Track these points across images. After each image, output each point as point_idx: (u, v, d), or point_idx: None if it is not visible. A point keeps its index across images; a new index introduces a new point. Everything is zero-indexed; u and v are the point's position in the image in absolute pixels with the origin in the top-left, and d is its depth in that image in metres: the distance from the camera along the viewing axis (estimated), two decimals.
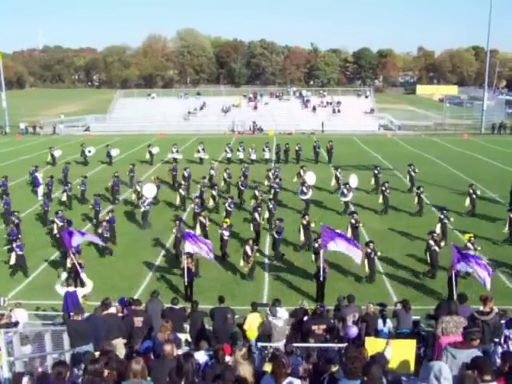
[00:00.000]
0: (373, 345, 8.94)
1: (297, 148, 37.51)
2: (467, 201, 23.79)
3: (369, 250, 16.64)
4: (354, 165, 34.18)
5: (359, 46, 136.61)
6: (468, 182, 29.62)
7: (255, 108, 63.52)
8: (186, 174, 28.27)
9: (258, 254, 19.05)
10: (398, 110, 72.77)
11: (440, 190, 28.68)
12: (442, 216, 20.10)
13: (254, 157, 36.92)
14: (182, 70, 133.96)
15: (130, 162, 31.41)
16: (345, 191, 24.10)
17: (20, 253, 17.86)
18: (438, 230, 18.96)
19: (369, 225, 21.79)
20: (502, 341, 8.60)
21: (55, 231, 20.22)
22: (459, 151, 43.24)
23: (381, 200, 24.48)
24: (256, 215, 20.48)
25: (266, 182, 27.82)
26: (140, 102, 67.29)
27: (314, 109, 62.22)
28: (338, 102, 63.14)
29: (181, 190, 25.39)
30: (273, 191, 26.01)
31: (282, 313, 11.93)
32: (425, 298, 15.71)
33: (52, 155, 36.89)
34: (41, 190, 27.79)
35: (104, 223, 20.15)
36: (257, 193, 24.27)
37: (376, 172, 28.34)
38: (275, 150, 38.58)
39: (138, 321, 10.78)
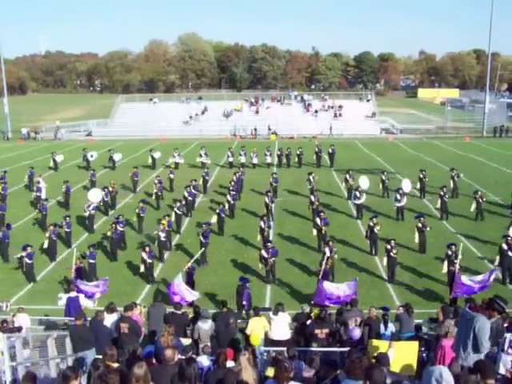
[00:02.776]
0: (376, 346, 8.96)
1: (298, 152, 37.52)
2: None
3: (450, 253, 16.20)
4: (356, 169, 34.14)
5: (360, 50, 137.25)
6: (470, 185, 29.65)
7: (257, 112, 63.57)
8: (234, 179, 28.11)
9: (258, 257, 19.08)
10: (400, 114, 72.78)
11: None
12: None
13: (255, 161, 36.97)
14: (184, 75, 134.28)
15: (132, 166, 31.47)
16: (398, 196, 23.74)
17: None
18: (510, 232, 18.52)
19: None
20: (506, 346, 8.52)
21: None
22: (461, 154, 43.19)
23: (438, 205, 24.16)
24: (317, 220, 20.45)
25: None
26: (142, 106, 67.36)
27: (316, 113, 62.27)
28: (340, 106, 63.12)
29: (228, 196, 25.17)
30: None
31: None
32: (427, 301, 15.68)
33: (54, 160, 37.02)
34: (43, 195, 27.79)
35: (51, 227, 20.01)
36: (313, 198, 24.14)
37: (421, 176, 27.88)
38: (277, 154, 38.63)
39: (124, 327, 10.75)
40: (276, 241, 21.51)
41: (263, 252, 17.40)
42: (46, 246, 19.70)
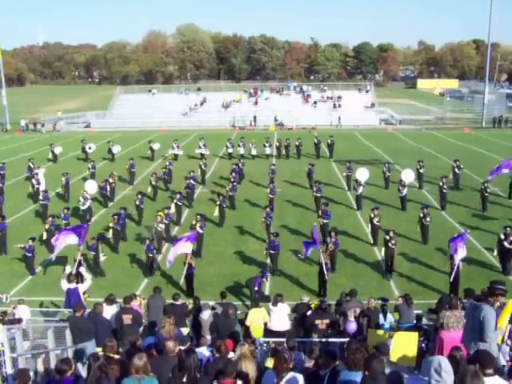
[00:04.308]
0: (375, 336, 8.97)
1: (297, 143, 37.44)
2: None
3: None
4: (355, 159, 34.08)
5: (359, 41, 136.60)
6: (469, 175, 29.59)
7: (256, 103, 63.41)
8: (232, 169, 28.06)
9: (261, 248, 19.10)
10: (399, 105, 72.58)
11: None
12: None
13: (254, 152, 36.93)
14: (182, 66, 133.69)
15: (129, 157, 31.43)
16: (399, 187, 24.38)
17: None
18: None
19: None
20: (506, 336, 8.54)
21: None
22: (460, 145, 43.12)
23: (436, 195, 24.75)
24: (320, 211, 21.17)
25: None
26: (140, 98, 67.20)
27: (315, 103, 62.10)
28: (339, 97, 62.97)
29: (227, 188, 25.18)
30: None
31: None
32: (427, 292, 15.70)
33: (53, 152, 36.94)
34: (43, 187, 27.76)
35: (50, 218, 20.04)
36: (314, 188, 24.55)
37: (418, 167, 27.92)
38: (276, 146, 38.55)
39: (127, 318, 10.76)
40: None
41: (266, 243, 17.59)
42: (45, 237, 19.69)
